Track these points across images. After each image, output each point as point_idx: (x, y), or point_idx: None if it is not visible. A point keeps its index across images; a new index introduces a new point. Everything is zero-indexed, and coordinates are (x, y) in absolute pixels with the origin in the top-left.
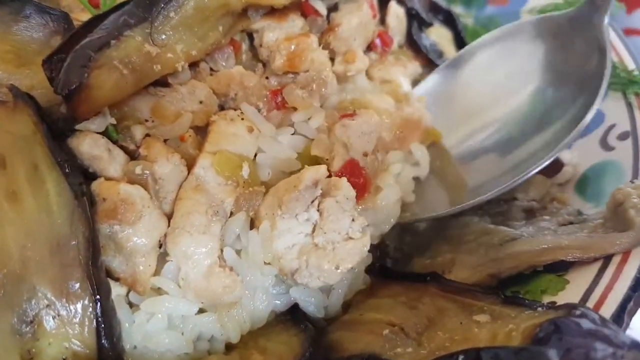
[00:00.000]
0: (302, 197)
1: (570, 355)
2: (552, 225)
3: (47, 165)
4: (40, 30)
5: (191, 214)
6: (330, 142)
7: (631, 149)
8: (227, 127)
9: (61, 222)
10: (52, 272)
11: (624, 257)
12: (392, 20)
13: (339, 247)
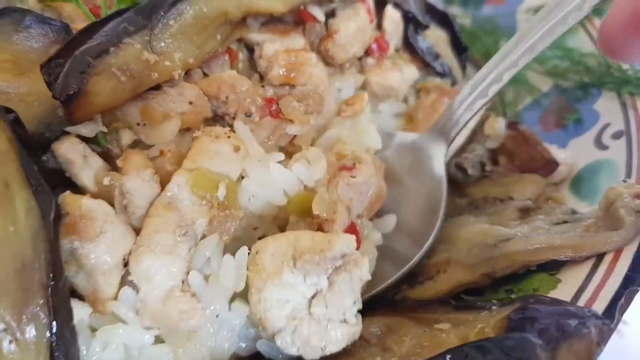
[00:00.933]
0: (323, 264)
1: (547, 334)
2: (546, 225)
3: (17, 183)
4: (40, 41)
5: (158, 232)
6: (330, 199)
7: (625, 148)
8: (210, 145)
9: (26, 242)
10: (13, 295)
11: (615, 255)
12: (389, 24)
13: (333, 327)
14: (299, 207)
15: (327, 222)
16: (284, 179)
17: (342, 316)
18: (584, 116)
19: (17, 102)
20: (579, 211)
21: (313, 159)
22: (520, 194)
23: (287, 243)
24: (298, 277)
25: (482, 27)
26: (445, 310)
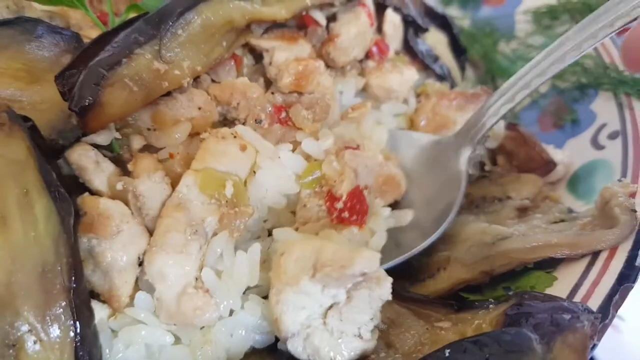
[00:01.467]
0: (342, 280)
1: (542, 328)
2: (543, 223)
3: (37, 191)
4: (51, 50)
5: (169, 232)
6: (339, 165)
7: (620, 148)
8: (217, 145)
9: (47, 247)
10: (36, 297)
11: (610, 252)
12: (389, 28)
13: (346, 340)
14: (308, 177)
15: (335, 183)
16: (293, 162)
17: (356, 331)
18: (580, 116)
19: (30, 110)
20: (576, 210)
21: (321, 135)
22: (518, 193)
23: (311, 250)
24: (316, 287)
25: (481, 28)
26: (448, 311)
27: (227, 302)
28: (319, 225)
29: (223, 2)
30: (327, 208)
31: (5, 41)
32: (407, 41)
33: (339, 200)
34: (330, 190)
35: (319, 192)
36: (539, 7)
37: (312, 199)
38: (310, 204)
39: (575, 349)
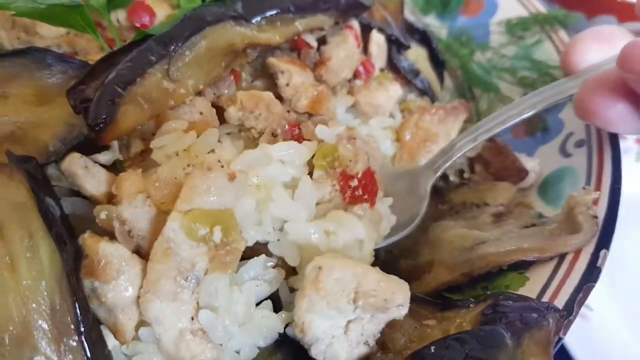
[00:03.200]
0: (382, 310)
1: (513, 326)
2: (516, 228)
3: (40, 234)
4: (60, 77)
5: (160, 280)
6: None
7: (585, 156)
8: (203, 182)
9: (52, 289)
10: (50, 333)
11: (575, 255)
12: (374, 48)
13: (358, 348)
14: (321, 161)
15: (350, 163)
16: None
17: (366, 339)
18: (550, 125)
19: (39, 126)
20: (545, 215)
21: (332, 123)
22: (494, 200)
23: (352, 274)
24: (351, 307)
25: (458, 37)
26: (433, 309)
27: (232, 343)
28: (331, 206)
29: (226, 28)
30: (341, 187)
31: (17, 69)
32: (391, 59)
33: (354, 178)
34: (345, 169)
35: (332, 173)
36: (511, 18)
37: (325, 179)
38: (323, 184)
39: (540, 344)
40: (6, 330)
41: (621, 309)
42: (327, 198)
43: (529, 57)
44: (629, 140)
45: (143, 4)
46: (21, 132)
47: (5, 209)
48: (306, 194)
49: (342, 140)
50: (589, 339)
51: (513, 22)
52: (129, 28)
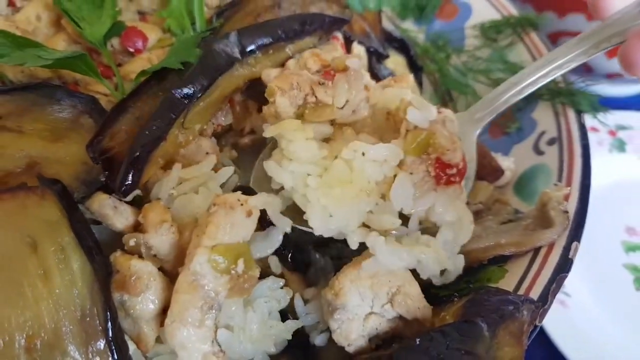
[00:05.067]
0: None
1: (490, 318)
2: (494, 224)
3: (72, 247)
4: (70, 112)
5: (187, 309)
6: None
7: (557, 154)
8: (226, 219)
9: (83, 296)
10: (79, 337)
11: (548, 248)
12: None
13: (364, 340)
14: (414, 147)
15: (448, 151)
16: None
17: (375, 335)
18: (524, 124)
19: (56, 164)
20: (521, 211)
21: (419, 104)
22: (474, 198)
23: (404, 273)
24: (386, 300)
25: (435, 41)
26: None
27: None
28: (424, 189)
29: (233, 74)
30: (437, 175)
31: (27, 104)
32: (372, 68)
33: (453, 167)
34: (440, 157)
35: (426, 158)
36: (485, 22)
37: (420, 166)
38: (417, 171)
39: (514, 334)
40: (39, 337)
41: (596, 293)
42: (420, 183)
43: (503, 58)
44: (602, 133)
45: (135, 30)
46: (39, 167)
47: (39, 227)
48: (404, 191)
49: (436, 126)
50: (567, 323)
51: (487, 25)
52: (122, 52)
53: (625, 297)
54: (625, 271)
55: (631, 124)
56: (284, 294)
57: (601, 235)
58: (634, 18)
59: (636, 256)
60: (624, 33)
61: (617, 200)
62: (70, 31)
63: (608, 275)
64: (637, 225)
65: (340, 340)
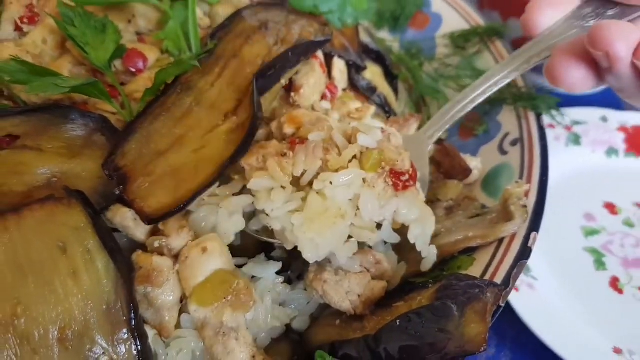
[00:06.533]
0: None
1: (458, 300)
2: (463, 219)
3: (97, 250)
4: (83, 130)
5: (213, 345)
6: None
7: (519, 153)
8: (188, 264)
9: (108, 291)
10: (105, 328)
11: (510, 239)
12: (337, 73)
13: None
14: (370, 165)
15: (397, 161)
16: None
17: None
18: (490, 127)
19: (75, 179)
20: (487, 206)
21: (366, 129)
22: (445, 196)
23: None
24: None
25: (409, 49)
26: (400, 295)
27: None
28: (387, 196)
29: None
30: (394, 183)
31: (44, 124)
32: (351, 79)
33: (405, 173)
34: (392, 168)
35: (382, 172)
36: (454, 31)
37: (378, 180)
38: (377, 184)
39: (479, 313)
40: (70, 328)
41: (560, 275)
42: (382, 194)
43: (471, 66)
44: (558, 128)
45: (136, 51)
46: (59, 182)
47: (67, 232)
48: (370, 204)
49: (383, 143)
50: (536, 304)
51: (456, 34)
52: (124, 72)
53: (586, 277)
54: (585, 254)
55: (586, 119)
56: (283, 287)
57: (563, 222)
58: (560, 34)
59: (594, 240)
60: (551, 48)
61: (575, 189)
62: (76, 54)
63: (570, 259)
64: (594, 212)
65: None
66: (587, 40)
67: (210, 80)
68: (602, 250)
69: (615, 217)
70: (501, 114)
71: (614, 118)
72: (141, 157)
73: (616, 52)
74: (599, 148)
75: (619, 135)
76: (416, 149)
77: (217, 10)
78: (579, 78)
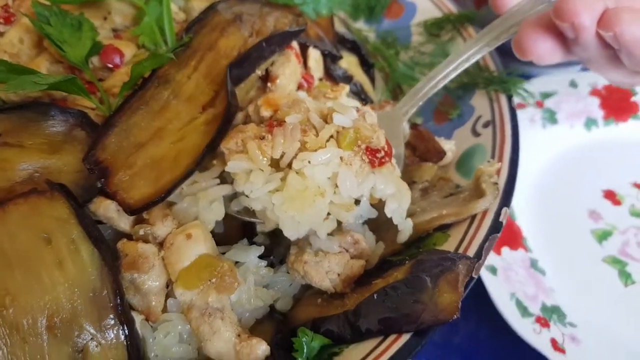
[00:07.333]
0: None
1: (432, 272)
2: (438, 198)
3: (80, 239)
4: (63, 125)
5: (197, 327)
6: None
7: (491, 135)
8: (174, 250)
9: (94, 279)
10: (92, 314)
11: (483, 215)
12: (312, 63)
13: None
14: (346, 144)
15: (372, 138)
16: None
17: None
18: (463, 110)
19: (57, 174)
20: (461, 185)
21: (342, 109)
22: (420, 177)
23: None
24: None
25: (385, 39)
26: (379, 272)
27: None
28: (364, 173)
29: None
30: (370, 160)
31: (24, 121)
32: (327, 69)
33: (380, 150)
34: (368, 145)
35: (358, 150)
36: (428, 19)
37: (354, 157)
38: (354, 162)
39: (451, 283)
40: (58, 316)
41: (553, 248)
42: (359, 171)
43: (445, 52)
44: (530, 108)
45: (113, 47)
46: (42, 177)
47: (51, 224)
48: (348, 181)
49: (358, 122)
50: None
51: (429, 22)
52: (102, 68)
53: (619, 298)
54: (607, 267)
55: (555, 88)
56: (266, 271)
57: (572, 230)
58: (527, 10)
59: (609, 245)
60: (519, 24)
61: (566, 179)
62: (53, 52)
63: (595, 278)
64: (596, 207)
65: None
66: (553, 12)
67: (186, 73)
68: (621, 256)
69: (620, 208)
70: (474, 98)
71: (583, 80)
72: (121, 150)
73: (581, 22)
74: (577, 121)
75: (593, 100)
76: (391, 126)
77: (192, 5)
78: (546, 49)
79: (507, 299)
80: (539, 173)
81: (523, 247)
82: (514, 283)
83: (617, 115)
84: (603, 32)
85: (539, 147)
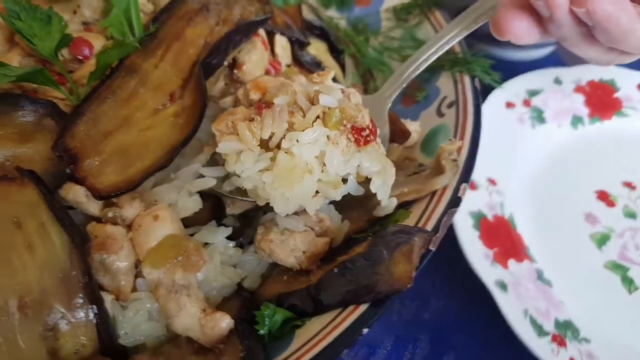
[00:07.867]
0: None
1: (389, 245)
2: (402, 178)
3: (50, 223)
4: (33, 115)
5: (175, 301)
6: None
7: (454, 114)
8: (141, 232)
9: (63, 260)
10: (62, 295)
11: (442, 190)
12: (279, 49)
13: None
14: (332, 123)
15: (357, 118)
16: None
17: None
18: (430, 92)
19: (28, 162)
20: (425, 164)
21: (328, 90)
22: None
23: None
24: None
25: (355, 25)
26: (343, 249)
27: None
28: (350, 152)
29: None
30: (355, 139)
31: None
32: (295, 55)
33: (365, 129)
34: (353, 125)
35: (344, 129)
36: (397, 4)
37: (341, 136)
38: (341, 141)
39: (406, 255)
40: (29, 296)
41: (555, 256)
42: (346, 150)
43: (413, 37)
44: (518, 107)
45: (82, 40)
46: (13, 166)
47: (21, 209)
48: (335, 160)
49: (344, 102)
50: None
51: (398, 7)
52: (72, 60)
53: (627, 307)
54: (610, 274)
55: (541, 85)
56: (235, 251)
57: (572, 237)
58: None
59: (609, 250)
60: (496, 6)
61: (559, 181)
62: (24, 46)
63: (601, 287)
64: (591, 209)
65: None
66: None
67: (153, 62)
68: (622, 261)
69: (614, 210)
70: (440, 80)
71: (567, 77)
72: (90, 138)
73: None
74: (564, 120)
75: (578, 97)
76: (376, 108)
77: None
78: (523, 28)
79: (521, 317)
80: (533, 178)
81: (528, 258)
82: (525, 299)
83: (602, 112)
84: (576, 9)
85: (530, 149)
